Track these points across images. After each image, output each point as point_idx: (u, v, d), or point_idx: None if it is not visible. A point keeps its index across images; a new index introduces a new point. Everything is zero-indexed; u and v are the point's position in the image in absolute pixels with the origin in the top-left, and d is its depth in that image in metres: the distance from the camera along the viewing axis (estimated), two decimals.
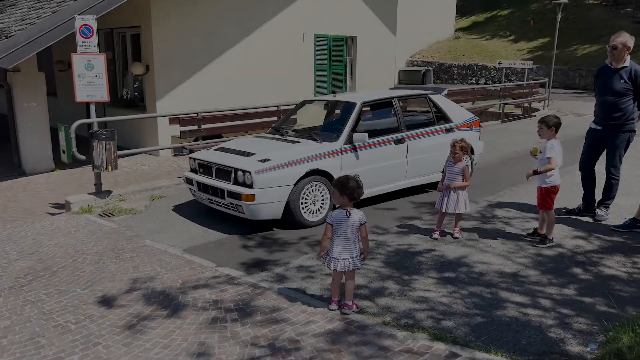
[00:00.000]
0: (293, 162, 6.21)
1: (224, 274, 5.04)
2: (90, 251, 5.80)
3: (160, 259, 5.50)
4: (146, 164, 10.75)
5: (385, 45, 17.18)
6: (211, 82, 12.03)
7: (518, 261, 5.18)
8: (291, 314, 4.16)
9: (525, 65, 18.63)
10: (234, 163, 6.27)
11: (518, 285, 4.63)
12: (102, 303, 4.50)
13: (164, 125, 11.15)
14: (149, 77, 11.57)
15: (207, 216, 6.98)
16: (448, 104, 8.12)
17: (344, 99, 7.46)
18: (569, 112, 17.52)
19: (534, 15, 29.65)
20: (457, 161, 5.81)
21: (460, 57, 27.26)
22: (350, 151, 6.71)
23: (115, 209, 7.39)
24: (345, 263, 4.03)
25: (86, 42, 7.44)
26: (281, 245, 5.85)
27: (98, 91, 7.60)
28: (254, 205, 6.01)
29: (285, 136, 7.13)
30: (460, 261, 5.21)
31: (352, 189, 3.98)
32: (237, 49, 12.58)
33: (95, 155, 7.42)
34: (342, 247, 4.04)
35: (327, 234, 4.06)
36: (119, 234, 6.34)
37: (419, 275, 4.88)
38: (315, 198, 6.43)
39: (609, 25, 26.51)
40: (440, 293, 4.49)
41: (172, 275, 5.04)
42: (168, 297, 4.56)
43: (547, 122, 5.75)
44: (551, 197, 5.63)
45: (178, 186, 8.57)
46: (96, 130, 7.47)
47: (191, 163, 7.04)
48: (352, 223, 4.03)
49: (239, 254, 5.66)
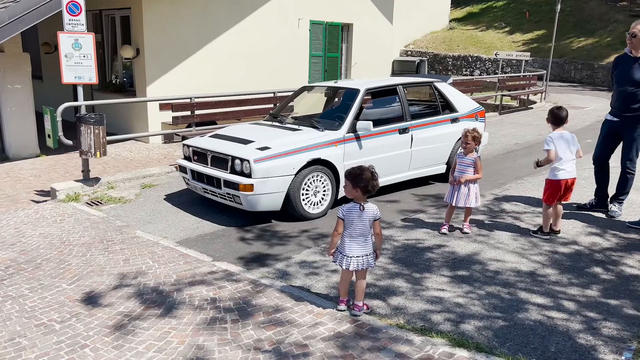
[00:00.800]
0: (294, 150, 5.87)
1: (222, 269, 4.70)
2: (77, 242, 5.43)
3: (152, 252, 5.14)
4: (135, 151, 10.35)
5: (381, 34, 16.81)
6: (203, 68, 11.60)
7: (533, 259, 4.90)
8: (296, 314, 3.84)
9: (522, 57, 18.35)
10: (231, 151, 5.91)
11: (537, 285, 4.34)
12: (90, 300, 4.14)
13: (154, 111, 10.75)
14: (139, 61, 11.12)
15: (201, 206, 6.62)
16: (453, 92, 7.80)
17: (347, 85, 7.11)
18: (566, 105, 17.27)
19: (529, 7, 29.40)
20: (469, 152, 5.51)
21: (455, 48, 26.95)
22: (354, 140, 6.38)
23: (103, 198, 7.01)
24: (359, 261, 3.72)
25: (73, 20, 7.01)
26: (281, 239, 5.52)
27: (86, 72, 7.18)
28: (252, 195, 5.67)
29: (284, 123, 6.78)
30: (472, 258, 4.92)
31: (367, 181, 3.66)
32: (230, 33, 12.14)
33: (82, 141, 7.01)
34: (355, 244, 3.72)
35: (338, 230, 3.73)
36: (107, 224, 5.97)
37: (431, 273, 4.58)
38: (317, 189, 6.09)
39: (604, 18, 26.35)
40: (455, 293, 4.20)
41: (165, 270, 4.70)
42: (162, 294, 4.22)
43: (548, 116, 5.54)
44: (552, 192, 5.39)
45: (170, 174, 8.19)
46: (84, 114, 7.06)
47: (185, 150, 6.66)
48: (366, 218, 3.71)
49: (237, 247, 5.32)
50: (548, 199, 5.42)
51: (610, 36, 24.77)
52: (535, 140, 11.40)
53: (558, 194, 5.40)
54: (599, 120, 14.07)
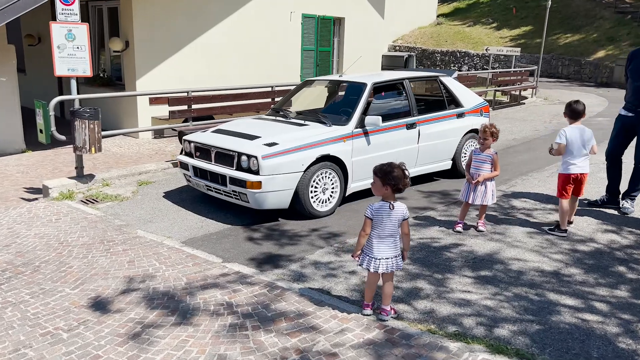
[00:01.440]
0: (302, 146, 5.65)
1: (234, 271, 4.47)
2: (76, 243, 5.15)
3: (158, 253, 4.89)
4: (125, 146, 10.03)
5: (372, 28, 16.62)
6: (194, 61, 11.27)
7: (555, 258, 4.76)
8: (320, 319, 3.64)
9: (513, 52, 18.32)
10: (237, 147, 5.67)
11: (564, 285, 4.20)
12: (97, 306, 3.89)
13: (144, 106, 10.41)
14: (129, 54, 10.76)
15: (203, 204, 6.38)
16: (459, 87, 7.65)
17: (353, 79, 6.90)
18: (557, 101, 17.36)
19: (516, 3, 29.47)
20: (486, 148, 5.34)
21: (443, 44, 26.90)
22: (362, 136, 6.18)
23: (99, 195, 6.71)
24: (388, 263, 3.52)
25: (67, 10, 6.68)
26: (291, 238, 5.31)
27: (80, 64, 6.87)
28: (260, 193, 5.44)
29: (289, 118, 6.55)
30: (492, 257, 4.76)
31: (398, 179, 3.46)
32: (222, 26, 11.82)
33: (77, 136, 6.71)
34: (384, 245, 3.53)
35: (365, 230, 3.53)
36: (106, 223, 5.69)
37: (453, 274, 4.41)
38: (325, 186, 5.89)
39: (590, 15, 26.53)
40: (482, 295, 4.03)
41: (174, 273, 4.45)
42: (173, 299, 3.98)
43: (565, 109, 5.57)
44: (563, 185, 5.37)
45: (167, 171, 7.91)
46: (78, 108, 6.75)
47: (186, 146, 6.40)
48: (395, 218, 3.52)
49: (246, 247, 5.09)
50: (561, 193, 5.36)
51: (596, 32, 24.93)
52: (532, 135, 11.32)
53: (570, 188, 5.35)
54: (591, 115, 14.08)
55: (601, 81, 22.10)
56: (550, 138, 10.97)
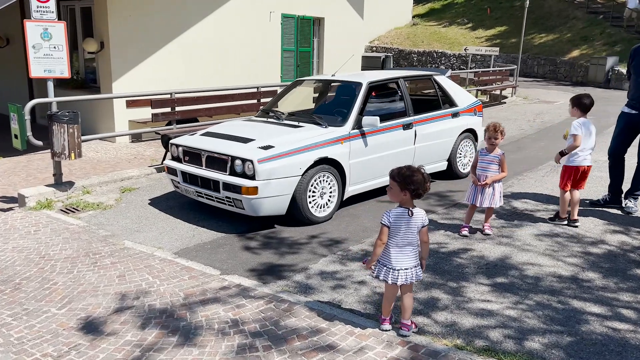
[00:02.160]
0: (299, 149, 5.37)
1: (234, 284, 4.16)
2: (59, 256, 4.77)
3: (149, 265, 4.55)
4: (102, 151, 9.58)
5: (352, 28, 16.42)
6: (173, 63, 10.86)
7: (569, 261, 4.58)
8: (336, 337, 3.36)
9: (492, 52, 18.34)
10: (230, 150, 5.35)
11: (585, 291, 4.01)
12: (89, 327, 3.54)
13: (120, 109, 10.00)
14: (104, 55, 10.31)
15: (193, 211, 6.04)
16: (453, 86, 7.46)
17: (347, 79, 6.65)
18: (536, 100, 17.43)
19: (490, 3, 29.67)
20: (494, 148, 5.14)
21: (420, 44, 26.89)
22: (359, 137, 5.93)
23: (80, 204, 6.31)
24: (407, 274, 3.27)
25: (42, 7, 6.27)
26: (290, 246, 5.02)
27: (57, 65, 6.45)
28: (256, 199, 5.13)
29: (281, 120, 6.26)
30: (505, 263, 4.55)
31: (418, 184, 3.21)
32: (201, 26, 11.44)
33: (55, 141, 6.30)
34: (403, 255, 3.27)
35: (382, 239, 3.27)
36: (90, 234, 5.31)
37: (467, 282, 4.18)
38: (323, 190, 5.61)
39: (563, 15, 26.84)
40: (502, 304, 3.81)
41: (169, 287, 4.12)
42: (173, 317, 3.66)
43: (572, 102, 5.56)
44: (570, 177, 5.41)
45: (150, 176, 7.53)
46: (56, 112, 6.34)
47: (173, 150, 6.05)
48: (414, 225, 3.27)
49: (244, 257, 4.78)
50: (565, 185, 5.42)
51: (570, 32, 25.23)
52: (519, 134, 11.24)
53: (574, 180, 5.40)
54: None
55: (576, 80, 22.33)
56: (537, 137, 10.92)
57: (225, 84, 11.01)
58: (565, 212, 5.49)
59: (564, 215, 5.48)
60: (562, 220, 5.48)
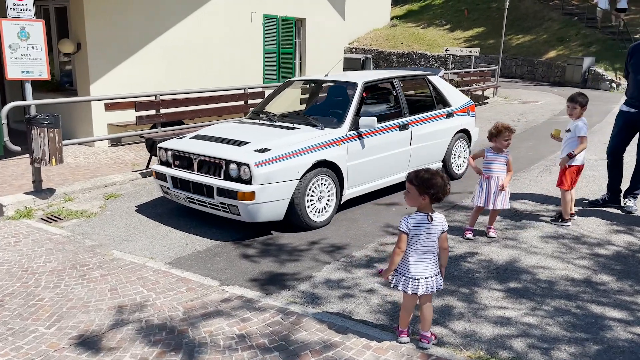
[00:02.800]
0: (297, 152, 5.15)
1: (236, 295, 3.93)
2: (43, 269, 4.46)
3: (143, 277, 4.28)
4: (80, 156, 9.20)
5: (334, 29, 16.28)
6: (153, 64, 10.51)
7: (579, 264, 4.45)
8: (352, 351, 3.15)
9: (472, 52, 18.36)
10: (224, 154, 5.11)
11: (602, 295, 3.88)
12: (83, 347, 3.26)
13: (99, 112, 9.65)
14: (81, 57, 9.94)
15: (183, 218, 5.77)
16: (446, 86, 7.34)
17: (342, 79, 6.46)
18: (517, 100, 17.50)
19: (467, 5, 29.83)
20: (504, 148, 4.99)
21: (399, 45, 26.89)
22: (356, 139, 5.74)
23: (62, 212, 5.99)
24: (427, 283, 3.08)
25: (19, 5, 5.94)
26: (290, 254, 4.79)
27: (36, 66, 6.12)
28: (253, 205, 4.90)
29: (274, 121, 6.03)
30: (515, 267, 4.41)
31: (438, 188, 3.03)
32: (181, 27, 11.12)
33: (34, 146, 5.96)
34: (422, 263, 3.08)
35: (401, 246, 3.07)
36: (75, 244, 5.01)
37: (480, 287, 4.02)
38: (321, 194, 5.40)
39: (539, 16, 27.12)
40: (519, 311, 3.65)
41: (167, 301, 3.86)
42: (173, 334, 3.40)
43: (580, 102, 5.32)
44: (572, 176, 5.35)
45: (135, 182, 7.22)
46: (35, 115, 6.00)
47: (162, 154, 5.77)
48: (434, 231, 3.08)
49: (242, 266, 4.54)
50: (571, 184, 5.35)
51: (546, 33, 25.48)
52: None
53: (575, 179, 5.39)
54: (555, 114, 14.21)
55: (554, 80, 22.54)
56: (524, 137, 10.89)
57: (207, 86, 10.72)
58: (569, 213, 5.39)
59: (568, 217, 5.39)
60: (567, 222, 5.38)
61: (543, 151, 9.33)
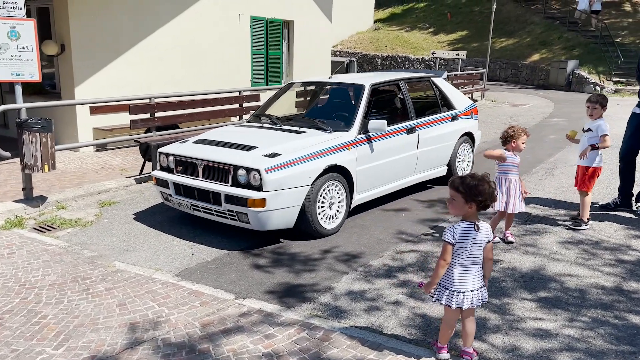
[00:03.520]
0: (307, 156, 4.94)
1: (255, 309, 3.69)
2: (43, 283, 4.17)
3: (151, 291, 4.02)
4: (65, 161, 8.85)
5: (321, 32, 16.12)
6: (139, 66, 10.17)
7: (605, 271, 4.32)
8: None
9: (459, 55, 18.38)
10: (232, 159, 4.87)
11: (638, 304, 3.74)
12: None
13: (84, 116, 9.35)
14: (65, 59, 9.58)
15: (185, 226, 5.51)
16: (450, 88, 7.20)
17: (348, 80, 6.27)
18: (505, 103, 17.53)
19: (450, 8, 29.96)
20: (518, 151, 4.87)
21: (383, 48, 26.85)
22: (365, 142, 5.55)
23: (55, 220, 5.68)
24: (473, 297, 2.89)
25: (9, 3, 5.63)
26: (304, 263, 4.57)
27: (27, 68, 5.81)
28: (263, 212, 4.67)
29: (278, 125, 5.80)
30: (540, 275, 4.26)
31: (487, 195, 2.84)
32: (168, 28, 10.79)
33: (26, 152, 5.65)
34: (468, 275, 2.90)
35: (446, 258, 2.87)
36: (74, 255, 4.72)
37: (510, 297, 3.85)
38: (332, 200, 5.19)
39: (521, 20, 27.34)
40: (557, 322, 3.49)
41: (182, 316, 3.61)
42: (194, 353, 3.16)
43: (601, 102, 5.23)
44: (594, 178, 5.35)
45: (130, 188, 6.92)
46: (27, 119, 5.69)
47: (162, 160, 5.51)
48: (480, 241, 2.89)
49: (256, 277, 4.30)
50: (590, 186, 5.33)
51: (529, 37, 25.69)
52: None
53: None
54: (546, 117, 14.22)
55: (538, 83, 22.70)
56: None
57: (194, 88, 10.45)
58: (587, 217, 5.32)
59: (586, 219, 5.32)
60: (586, 224, 5.31)
61: (541, 154, 9.27)
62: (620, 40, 22.32)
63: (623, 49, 21.45)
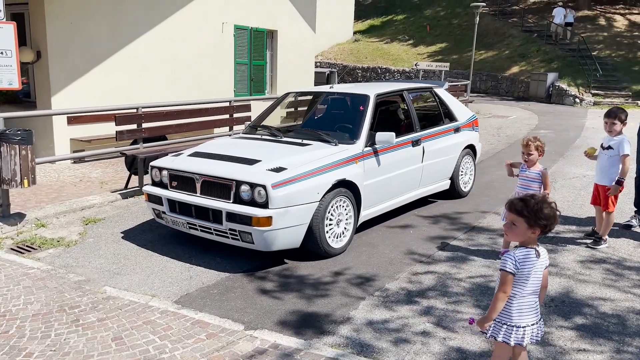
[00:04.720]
0: (315, 171, 4.59)
1: (269, 343, 3.31)
2: (25, 313, 3.72)
3: (150, 321, 3.60)
4: (41, 174, 8.31)
5: (304, 42, 15.89)
6: (118, 75, 9.71)
7: (636, 292, 4.06)
8: None
9: (442, 67, 18.31)
10: (234, 174, 4.49)
11: None
12: None
13: (60, 126, 8.86)
14: (41, 66, 9.09)
15: (179, 245, 5.09)
16: (452, 100, 6.95)
17: (351, 91, 5.95)
18: (489, 114, 17.47)
19: (429, 20, 30.07)
20: (532, 164, 4.60)
21: (363, 60, 26.73)
22: (372, 155, 5.24)
23: (35, 240, 5.20)
24: (533, 331, 2.57)
25: None
26: (315, 287, 4.21)
27: (5, 74, 5.35)
28: (269, 231, 4.29)
29: (279, 137, 5.45)
30: (571, 298, 3.97)
31: (551, 218, 2.52)
32: (150, 36, 10.35)
33: (4, 165, 5.17)
34: (527, 307, 2.57)
35: (507, 290, 2.53)
36: (58, 280, 4.27)
37: (545, 325, 3.55)
38: (340, 217, 4.85)
39: (499, 32, 27.58)
40: (603, 354, 3.20)
41: (187, 352, 3.21)
42: None
43: (620, 117, 4.97)
44: (617, 197, 5.09)
45: (115, 204, 6.46)
46: (4, 130, 5.22)
47: (155, 174, 5.09)
48: (540, 269, 2.58)
49: (265, 304, 3.92)
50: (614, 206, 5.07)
51: (507, 49, 25.89)
52: (493, 149, 10.96)
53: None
54: (532, 128, 14.17)
55: (518, 95, 22.82)
56: (511, 151, 10.65)
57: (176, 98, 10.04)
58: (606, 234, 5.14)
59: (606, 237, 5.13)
60: (605, 242, 5.10)
61: None
62: (597, 54, 22.62)
63: (600, 61, 21.73)
